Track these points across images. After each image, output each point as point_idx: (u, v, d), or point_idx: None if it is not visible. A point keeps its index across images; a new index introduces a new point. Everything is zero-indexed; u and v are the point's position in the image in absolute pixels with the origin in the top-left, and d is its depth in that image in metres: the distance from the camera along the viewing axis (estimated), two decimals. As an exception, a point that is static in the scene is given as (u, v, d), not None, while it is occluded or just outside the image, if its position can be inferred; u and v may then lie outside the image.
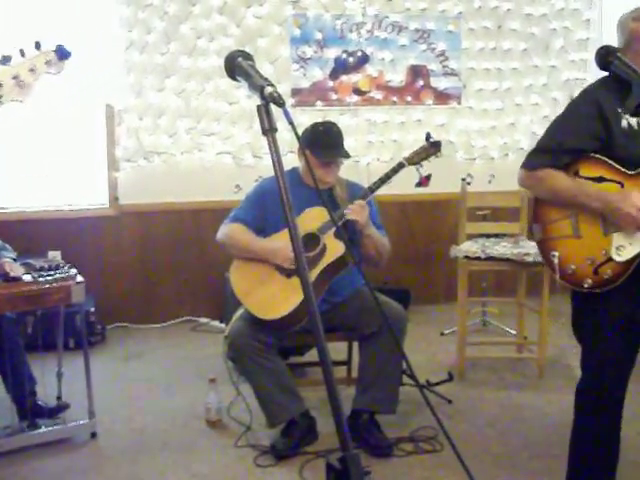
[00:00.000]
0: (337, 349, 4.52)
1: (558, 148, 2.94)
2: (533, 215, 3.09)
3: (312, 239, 3.84)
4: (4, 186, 6.11)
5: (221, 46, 6.12)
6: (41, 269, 4.07)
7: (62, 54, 2.00)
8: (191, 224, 6.35)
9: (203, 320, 6.40)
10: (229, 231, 4.02)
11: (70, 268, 4.09)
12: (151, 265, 6.38)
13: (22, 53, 1.98)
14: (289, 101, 6.21)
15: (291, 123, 1.51)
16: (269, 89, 1.50)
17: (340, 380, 4.51)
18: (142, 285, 6.37)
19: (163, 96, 6.19)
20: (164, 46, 6.13)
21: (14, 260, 4.09)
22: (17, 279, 3.86)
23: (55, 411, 4.22)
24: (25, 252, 5.41)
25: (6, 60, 1.96)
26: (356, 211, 3.82)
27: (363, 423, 3.87)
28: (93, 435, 4.11)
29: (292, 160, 4.20)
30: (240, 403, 4.16)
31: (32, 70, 2.01)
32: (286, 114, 1.51)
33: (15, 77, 1.99)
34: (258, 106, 1.52)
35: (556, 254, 2.94)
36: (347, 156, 4.01)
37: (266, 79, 1.53)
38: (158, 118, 6.21)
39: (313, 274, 3.77)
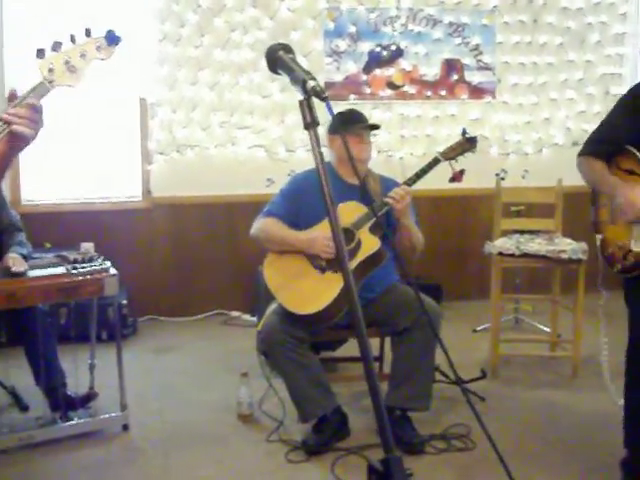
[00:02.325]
0: (370, 344, 4.48)
1: (597, 137, 3.20)
2: (592, 198, 3.31)
3: (347, 234, 3.81)
4: (39, 179, 6.15)
5: (255, 39, 6.10)
6: (75, 261, 4.09)
7: (112, 39, 2.05)
8: (223, 217, 6.34)
9: (235, 314, 6.41)
10: (263, 225, 4.01)
11: (104, 261, 4.11)
12: (183, 258, 6.39)
13: (72, 39, 2.04)
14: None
15: (332, 116, 1.49)
16: (311, 83, 1.48)
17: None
18: (174, 278, 6.39)
19: (196, 89, 6.19)
20: (198, 39, 6.13)
21: (24, 256, 4.10)
22: (19, 274, 3.88)
23: (85, 400, 4.24)
24: (60, 244, 5.47)
25: (57, 46, 2.01)
26: (399, 195, 3.79)
27: (395, 419, 3.84)
28: (125, 427, 4.12)
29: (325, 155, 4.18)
30: (272, 397, 4.16)
31: (83, 55, 2.05)
32: (328, 108, 1.49)
33: (66, 62, 2.02)
34: (300, 101, 1.50)
35: (600, 237, 3.22)
36: (377, 127, 4.09)
37: (308, 72, 1.51)
38: (191, 111, 6.21)
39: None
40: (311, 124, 1.48)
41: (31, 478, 3.67)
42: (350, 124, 3.93)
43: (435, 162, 3.95)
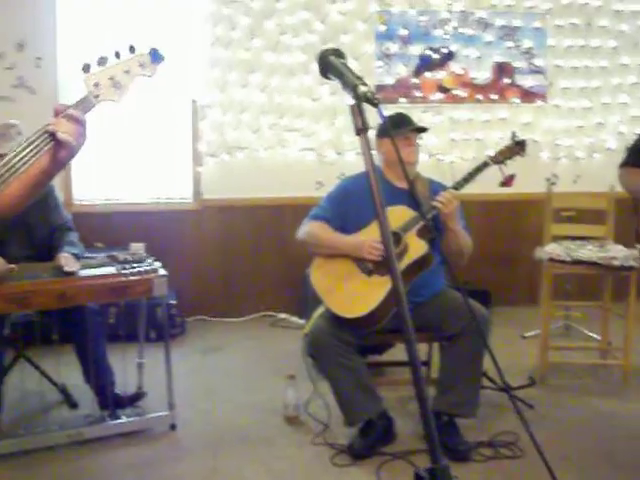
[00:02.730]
0: (418, 350, 4.46)
1: (635, 147, 3.18)
2: (634, 207, 3.41)
3: (394, 238, 3.79)
4: (91, 180, 6.24)
5: (305, 42, 6.11)
6: (125, 261, 4.14)
7: (155, 57, 2.06)
8: (272, 220, 6.37)
9: (282, 316, 6.42)
10: (310, 229, 4.02)
11: (154, 261, 4.15)
12: (232, 259, 6.43)
13: (117, 55, 2.03)
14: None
15: (383, 121, 1.49)
16: (362, 88, 1.48)
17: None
18: (223, 279, 6.43)
19: (247, 92, 6.23)
20: (248, 42, 6.17)
21: (76, 256, 4.15)
22: (70, 274, 3.94)
23: (134, 399, 4.29)
24: (111, 244, 5.54)
25: (102, 61, 2.00)
26: (446, 199, 3.77)
27: (442, 425, 3.81)
28: (172, 427, 4.15)
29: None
30: (318, 400, 4.17)
31: (127, 72, 2.06)
32: (380, 114, 1.48)
33: (111, 78, 2.03)
34: (351, 105, 1.50)
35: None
36: (425, 129, 4.08)
37: (359, 77, 1.51)
38: (241, 113, 6.25)
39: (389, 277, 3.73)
40: (362, 129, 1.48)
41: (79, 475, 3.71)
42: (398, 127, 3.92)
43: (484, 166, 3.92)
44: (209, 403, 4.55)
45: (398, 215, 3.81)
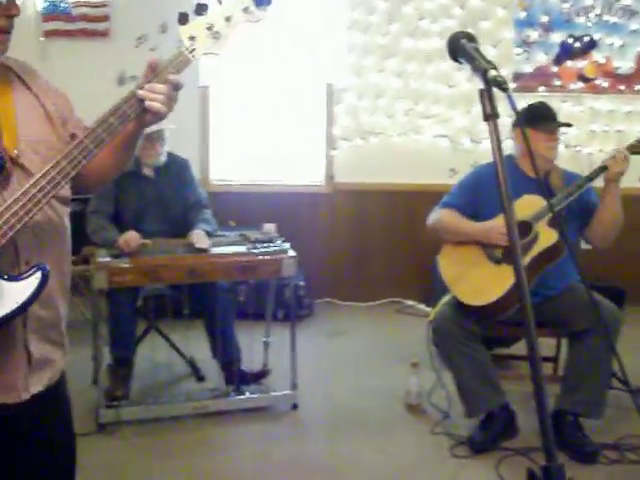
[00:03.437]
0: (545, 344, 4.36)
1: None
2: None
3: (524, 227, 3.73)
4: (228, 160, 6.38)
5: (443, 27, 6.02)
6: (256, 241, 4.21)
7: (260, 1, 1.84)
8: (404, 205, 6.33)
9: (409, 302, 6.39)
10: (439, 216, 3.99)
11: (284, 242, 4.21)
12: (362, 244, 6.44)
13: (219, 1, 1.84)
14: (510, 86, 6.03)
15: (515, 109, 1.45)
16: (492, 72, 1.44)
17: (546, 377, 4.35)
18: (352, 263, 6.45)
19: (383, 77, 6.20)
20: (386, 27, 6.13)
21: (208, 233, 4.25)
22: (202, 251, 4.05)
23: (258, 376, 4.38)
24: (244, 223, 5.64)
25: (201, 9, 1.83)
26: (619, 158, 3.68)
27: (566, 424, 3.71)
28: (294, 406, 4.21)
29: (508, 147, 4.08)
30: (441, 389, 4.13)
31: (228, 19, 1.84)
32: (510, 99, 1.44)
33: (209, 27, 1.84)
34: (480, 90, 1.47)
35: None
36: (569, 125, 4.05)
37: (490, 62, 1.47)
38: (377, 98, 6.23)
39: (524, 262, 3.66)
40: (491, 115, 1.45)
41: (201, 445, 3.83)
42: (541, 120, 3.83)
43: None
44: (332, 385, 4.59)
45: (530, 204, 3.73)
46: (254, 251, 4.09)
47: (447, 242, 3.97)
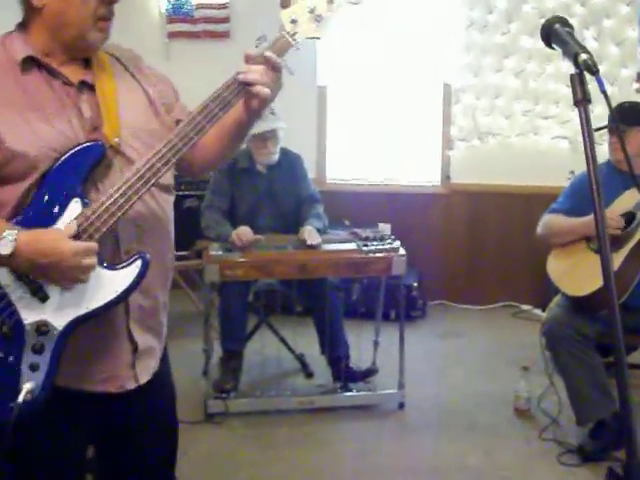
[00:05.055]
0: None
1: None
2: None
3: (630, 217, 3.65)
4: (344, 159, 6.42)
5: (565, 26, 5.86)
6: (366, 239, 4.22)
7: None
8: (521, 208, 6.20)
9: (525, 307, 6.25)
10: (546, 221, 3.97)
11: (394, 241, 4.19)
12: (477, 246, 6.35)
13: None
14: (634, 85, 5.82)
15: (604, 92, 1.40)
16: (583, 56, 1.41)
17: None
18: (467, 265, 6.36)
19: (501, 76, 6.08)
20: (505, 25, 6.00)
21: (319, 230, 4.28)
22: (313, 247, 4.09)
23: (366, 374, 4.38)
24: (358, 222, 5.65)
25: None
26: None
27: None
28: (401, 405, 4.20)
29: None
30: (552, 395, 4.02)
31: (330, 1, 1.81)
32: (599, 82, 1.40)
33: (312, 10, 1.81)
34: (571, 75, 1.43)
35: None
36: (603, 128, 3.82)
37: (583, 47, 1.43)
38: (495, 98, 6.12)
39: (625, 250, 3.60)
40: (581, 100, 1.41)
41: (305, 439, 3.88)
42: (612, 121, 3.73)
43: None
44: (440, 386, 4.55)
45: (633, 197, 3.62)
46: (364, 249, 4.10)
47: (556, 245, 3.91)
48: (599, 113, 2.97)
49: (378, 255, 4.08)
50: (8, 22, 1.89)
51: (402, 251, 4.09)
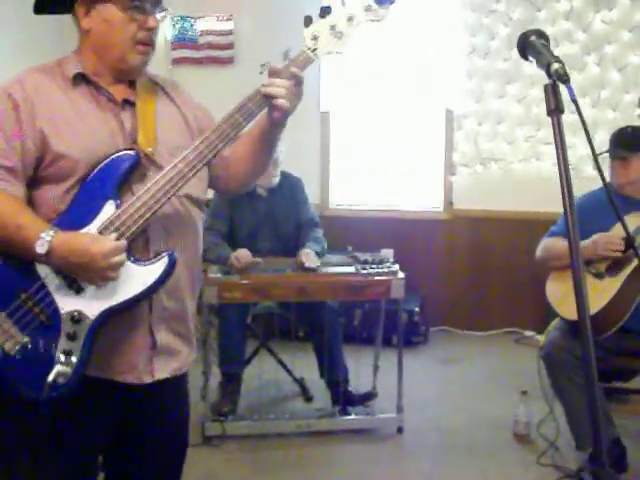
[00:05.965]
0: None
1: None
2: None
3: (629, 241, 3.63)
4: (347, 185, 6.44)
5: (565, 53, 5.87)
6: (365, 262, 4.23)
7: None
8: (524, 234, 6.17)
9: (528, 333, 6.22)
10: (545, 244, 3.96)
11: (393, 264, 4.20)
12: (480, 272, 6.33)
13: (342, 2, 1.94)
14: (636, 111, 5.84)
15: (574, 100, 1.42)
16: (555, 65, 1.43)
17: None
18: (469, 291, 6.35)
19: (503, 102, 6.10)
20: (507, 52, 6.04)
21: (317, 253, 4.28)
22: (311, 270, 4.09)
23: (365, 398, 4.37)
24: (360, 248, 5.65)
25: (325, 12, 1.93)
26: None
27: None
28: (399, 430, 4.18)
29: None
30: (552, 421, 3.98)
31: (350, 19, 1.94)
32: (569, 90, 1.42)
33: (332, 27, 1.95)
34: (545, 85, 1.45)
35: None
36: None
37: (556, 57, 1.46)
38: (497, 124, 6.14)
39: (624, 273, 3.58)
40: (554, 110, 1.42)
41: (303, 463, 3.86)
42: (612, 146, 3.77)
43: None
44: (440, 411, 4.52)
45: (634, 221, 3.61)
46: (363, 272, 4.10)
47: (554, 268, 3.88)
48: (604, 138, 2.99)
49: (377, 278, 4.08)
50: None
51: (401, 274, 4.09)
